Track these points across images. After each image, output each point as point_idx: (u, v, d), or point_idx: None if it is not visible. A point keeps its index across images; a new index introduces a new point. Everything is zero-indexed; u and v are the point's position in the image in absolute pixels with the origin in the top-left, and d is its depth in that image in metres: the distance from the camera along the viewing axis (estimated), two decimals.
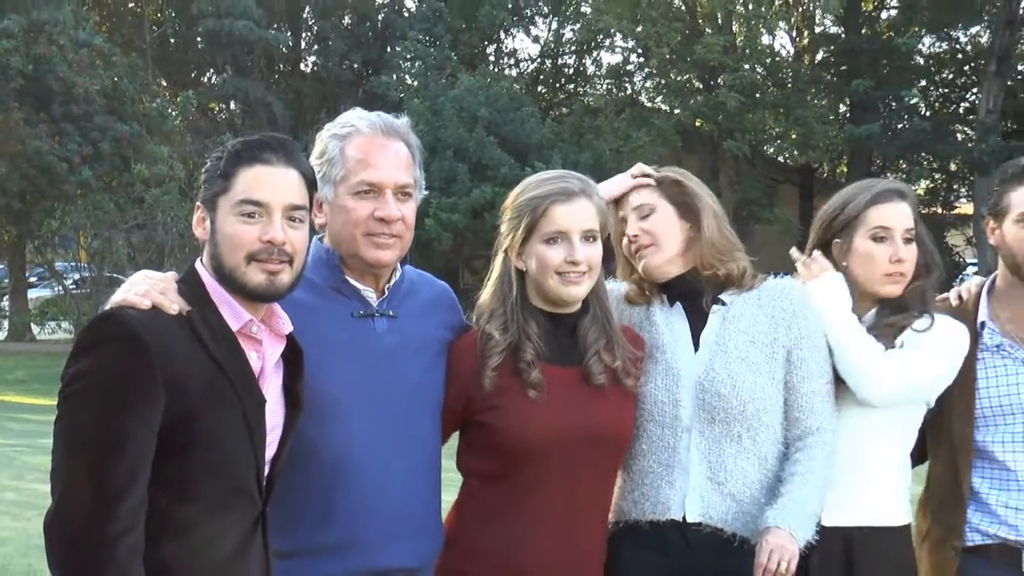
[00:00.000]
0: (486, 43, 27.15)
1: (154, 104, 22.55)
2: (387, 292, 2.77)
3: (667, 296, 2.97)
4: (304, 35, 28.96)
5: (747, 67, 22.56)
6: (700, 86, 24.12)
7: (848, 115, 24.50)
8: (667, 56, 23.23)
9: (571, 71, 29.17)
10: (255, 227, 2.31)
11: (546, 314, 2.81)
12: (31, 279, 25.36)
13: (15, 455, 10.52)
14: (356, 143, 2.70)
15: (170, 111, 22.62)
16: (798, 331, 2.89)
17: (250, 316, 2.35)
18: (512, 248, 2.81)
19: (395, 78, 23.83)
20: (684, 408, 2.86)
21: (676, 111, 23.73)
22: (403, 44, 24.54)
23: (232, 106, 27.57)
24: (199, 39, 26.30)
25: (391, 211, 2.68)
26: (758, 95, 22.57)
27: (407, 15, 26.81)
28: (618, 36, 25.47)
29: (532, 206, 2.77)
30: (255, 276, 2.32)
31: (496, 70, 26.53)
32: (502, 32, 27.34)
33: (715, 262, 2.92)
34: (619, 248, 3.00)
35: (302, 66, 28.92)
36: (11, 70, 19.46)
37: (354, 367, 2.66)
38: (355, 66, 26.89)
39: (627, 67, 26.15)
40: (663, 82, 24.38)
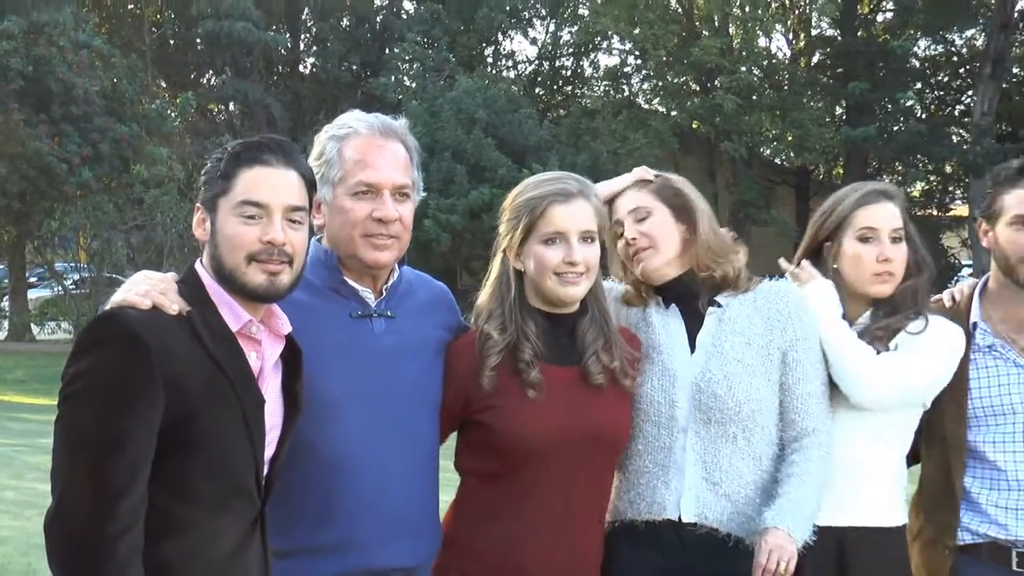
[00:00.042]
0: (484, 45, 27.11)
1: (153, 105, 22.50)
2: (385, 293, 2.77)
3: (663, 298, 2.98)
4: (303, 37, 28.92)
5: (744, 69, 22.62)
6: (697, 88, 24.13)
7: (844, 117, 24.47)
8: (664, 58, 23.28)
9: (568, 73, 29.13)
10: (255, 228, 2.32)
11: (544, 314, 2.82)
12: (31, 279, 25.27)
13: (15, 454, 10.51)
14: (354, 144, 2.71)
15: (169, 112, 22.56)
16: (793, 333, 2.90)
17: (249, 317, 2.35)
18: (510, 248, 2.82)
19: (393, 80, 23.80)
20: (680, 409, 2.86)
21: (673, 113, 23.74)
22: (401, 46, 24.52)
23: (231, 107, 27.50)
24: (198, 40, 26.25)
25: (389, 212, 2.68)
26: (755, 97, 22.58)
27: (405, 17, 26.78)
28: (615, 38, 25.49)
29: (530, 207, 2.78)
30: (255, 277, 2.32)
31: (494, 72, 26.53)
32: (500, 34, 27.31)
33: (711, 264, 2.93)
34: (612, 248, 3.01)
35: (301, 67, 28.89)
36: (11, 71, 19.38)
37: (352, 367, 2.66)
38: (353, 68, 26.87)
39: (624, 69, 26.12)
40: (660, 84, 24.37)
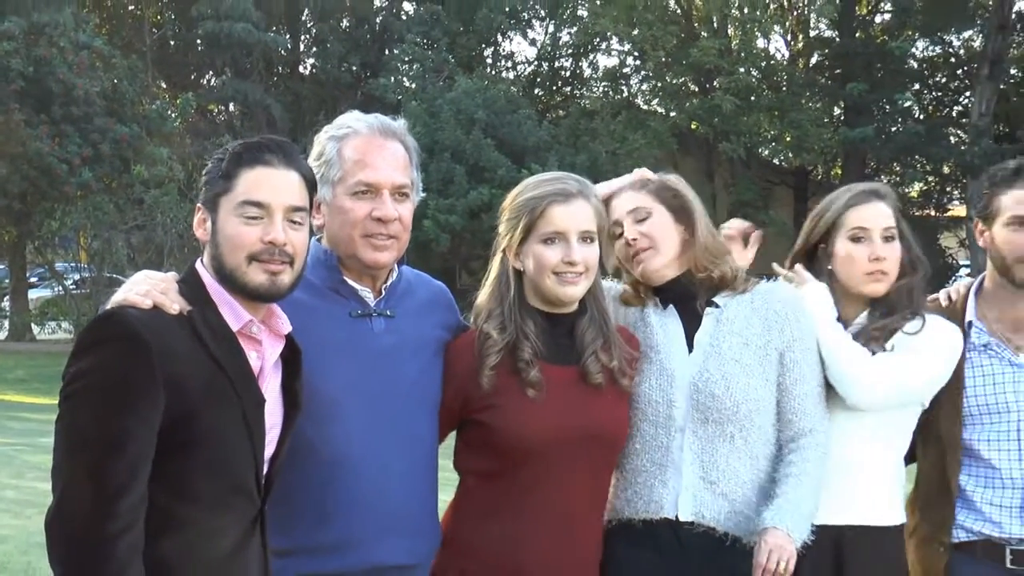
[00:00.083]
0: (483, 46, 27.14)
1: (154, 106, 22.55)
2: (384, 292, 2.78)
3: (660, 299, 2.99)
4: (303, 38, 28.98)
5: (742, 70, 22.65)
6: (696, 89, 24.18)
7: (842, 118, 24.48)
8: (663, 59, 23.30)
9: (568, 74, 29.18)
10: (256, 228, 2.32)
11: (543, 314, 2.82)
12: (31, 279, 25.32)
13: (15, 454, 10.53)
14: (353, 144, 2.72)
15: (170, 113, 22.61)
16: (791, 334, 2.91)
17: (250, 316, 2.36)
18: (510, 248, 2.82)
19: (393, 80, 23.82)
20: (678, 408, 2.87)
21: (672, 114, 23.76)
22: (401, 47, 24.54)
23: (231, 108, 27.52)
24: (198, 41, 26.28)
25: (388, 211, 2.69)
26: (753, 98, 22.61)
27: (405, 18, 26.83)
28: (614, 39, 25.50)
29: (530, 207, 2.78)
30: (256, 276, 2.33)
31: (493, 73, 26.56)
32: (499, 35, 27.33)
33: (708, 265, 2.94)
34: (610, 248, 3.00)
35: (301, 68, 28.94)
36: (12, 72, 19.43)
37: (352, 367, 2.67)
38: (353, 68, 26.89)
39: (623, 70, 26.13)
40: (659, 85, 24.40)
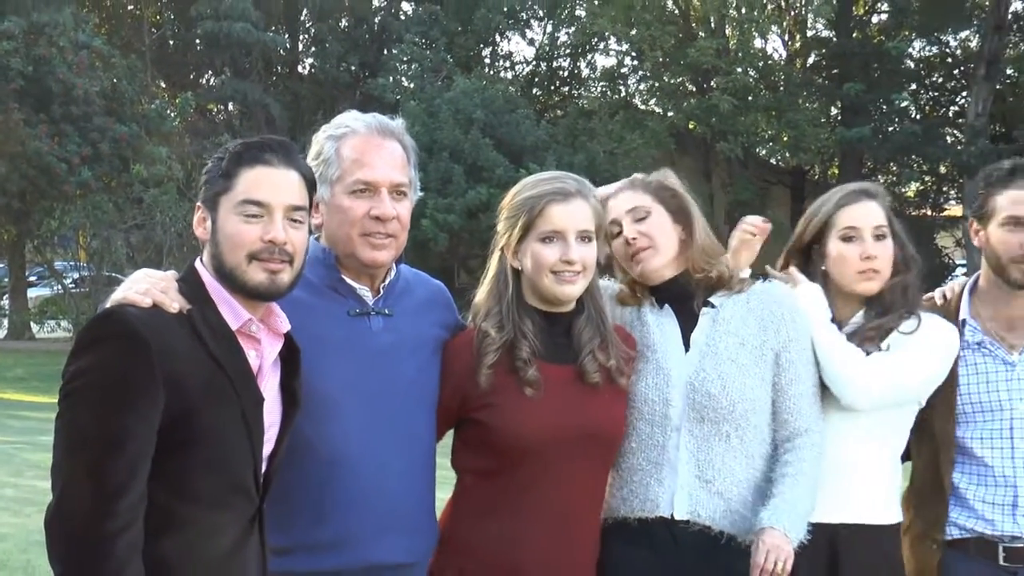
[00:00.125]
0: (482, 46, 27.20)
1: (153, 105, 22.56)
2: (382, 291, 2.78)
3: (657, 298, 3.00)
4: (302, 37, 29.00)
5: (740, 70, 22.72)
6: (693, 89, 24.27)
7: (839, 118, 24.56)
8: (660, 59, 23.40)
9: (566, 74, 29.25)
10: (257, 227, 2.33)
11: (541, 313, 2.83)
12: (31, 278, 25.34)
13: (15, 452, 10.55)
14: (351, 143, 2.73)
15: (169, 112, 22.61)
16: (786, 334, 2.92)
17: (249, 315, 2.36)
18: (508, 247, 2.83)
19: (392, 80, 23.89)
20: (674, 407, 2.88)
21: (669, 114, 23.83)
22: (399, 47, 24.60)
23: (230, 107, 27.54)
24: (198, 41, 26.28)
25: (386, 209, 2.69)
26: (750, 98, 22.69)
27: (404, 18, 26.89)
28: (612, 39, 25.62)
29: (529, 205, 2.79)
30: (256, 275, 2.33)
31: (492, 73, 26.61)
32: (497, 35, 27.41)
33: (705, 265, 2.96)
34: (606, 245, 3.01)
35: (299, 68, 28.96)
36: (11, 71, 19.42)
37: (350, 365, 2.67)
38: (352, 68, 26.92)
39: (621, 70, 26.24)
40: (656, 85, 24.50)
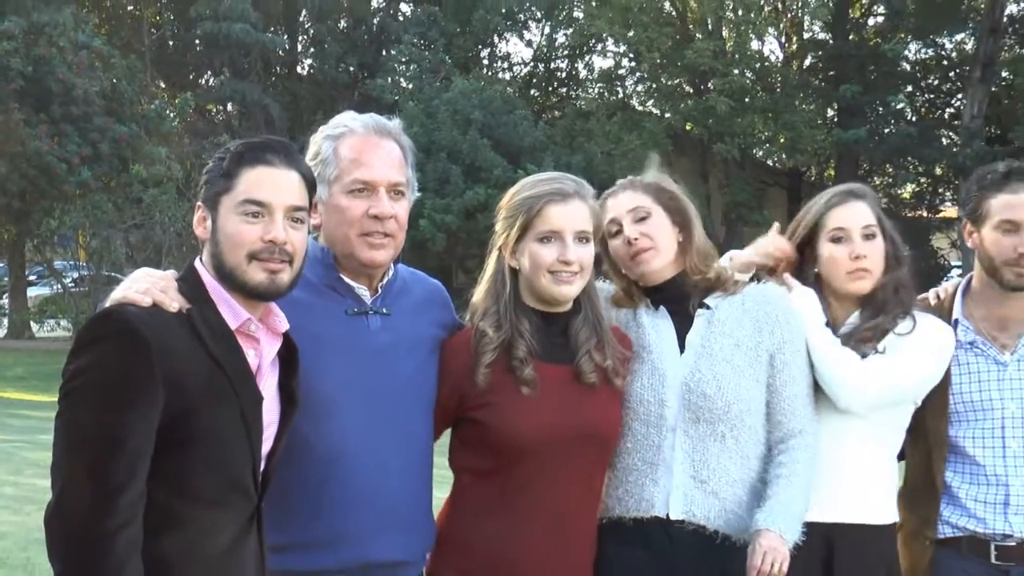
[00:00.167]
0: (480, 47, 27.28)
1: (152, 106, 22.61)
2: (380, 290, 2.80)
3: (652, 300, 3.02)
4: (300, 38, 29.08)
5: (737, 72, 22.77)
6: (690, 90, 24.32)
7: (836, 119, 24.66)
8: (658, 61, 23.46)
9: (563, 75, 29.34)
10: (257, 227, 2.34)
11: (538, 313, 2.84)
12: (30, 277, 25.34)
13: (14, 451, 10.53)
14: (349, 143, 2.75)
15: (168, 112, 22.66)
16: (781, 336, 2.94)
17: (248, 315, 2.37)
18: (506, 246, 2.85)
19: (390, 81, 23.99)
20: (669, 408, 2.89)
21: (667, 115, 23.88)
22: (398, 48, 24.69)
23: (229, 108, 27.63)
24: (197, 42, 26.35)
25: (384, 208, 2.71)
26: (747, 99, 22.74)
27: (402, 19, 26.98)
28: (610, 41, 25.68)
29: (527, 205, 2.80)
30: (256, 275, 2.34)
31: (490, 73, 26.69)
32: (496, 36, 27.49)
33: (703, 267, 2.98)
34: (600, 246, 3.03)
35: (298, 69, 29.04)
36: (11, 71, 19.46)
37: (348, 364, 2.68)
38: (351, 69, 27.00)
39: (618, 71, 26.28)
40: (654, 86, 24.53)
